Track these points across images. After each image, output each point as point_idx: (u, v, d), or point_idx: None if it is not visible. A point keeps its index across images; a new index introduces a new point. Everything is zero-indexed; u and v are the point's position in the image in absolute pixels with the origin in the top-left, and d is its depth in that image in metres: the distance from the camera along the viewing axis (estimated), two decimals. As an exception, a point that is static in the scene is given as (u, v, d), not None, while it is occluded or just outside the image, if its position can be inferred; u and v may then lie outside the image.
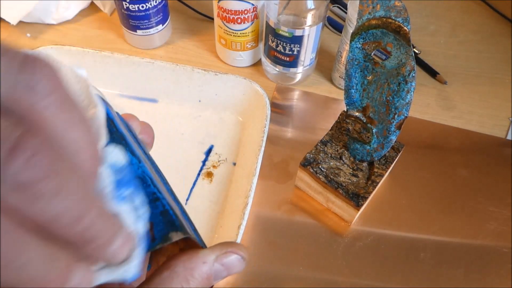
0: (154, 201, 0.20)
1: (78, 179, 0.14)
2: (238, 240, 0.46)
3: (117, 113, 0.23)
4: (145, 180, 0.20)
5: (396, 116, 0.44)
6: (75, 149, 0.15)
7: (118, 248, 0.16)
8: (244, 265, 0.21)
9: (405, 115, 0.44)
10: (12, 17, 0.64)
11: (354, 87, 0.47)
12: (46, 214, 0.13)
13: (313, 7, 0.54)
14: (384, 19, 0.41)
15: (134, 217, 0.19)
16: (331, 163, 0.50)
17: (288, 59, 0.59)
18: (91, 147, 0.16)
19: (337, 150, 0.51)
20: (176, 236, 0.19)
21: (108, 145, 0.19)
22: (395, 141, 0.50)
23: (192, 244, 0.21)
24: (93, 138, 0.16)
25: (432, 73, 0.67)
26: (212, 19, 0.63)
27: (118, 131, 0.21)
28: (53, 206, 0.13)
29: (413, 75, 0.42)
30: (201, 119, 0.60)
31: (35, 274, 0.14)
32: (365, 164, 0.51)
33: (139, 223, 0.19)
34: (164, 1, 0.62)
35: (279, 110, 0.61)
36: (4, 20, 0.65)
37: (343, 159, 0.51)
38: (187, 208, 0.24)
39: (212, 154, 0.57)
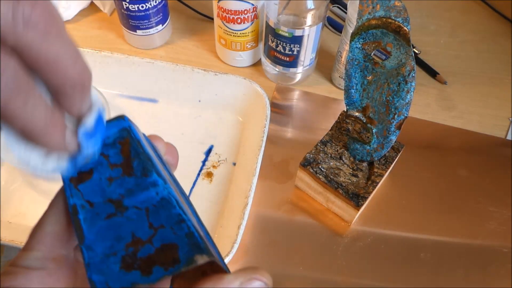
0: (179, 223, 0.20)
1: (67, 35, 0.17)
2: (238, 240, 0.46)
3: (143, 134, 0.23)
4: (171, 201, 0.20)
5: (396, 116, 0.44)
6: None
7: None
8: None
9: (405, 115, 0.44)
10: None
11: (354, 87, 0.47)
12: (52, 51, 0.16)
13: (313, 7, 0.54)
14: (384, 19, 0.41)
15: None
16: (331, 163, 0.50)
17: (288, 59, 0.59)
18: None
19: (337, 150, 0.51)
20: (201, 259, 0.19)
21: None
22: (395, 141, 0.50)
23: (215, 268, 0.21)
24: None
25: (432, 73, 0.67)
26: (212, 19, 0.63)
27: (144, 152, 0.21)
28: (57, 44, 0.16)
29: (413, 75, 0.42)
30: (201, 119, 0.60)
31: (37, 117, 0.17)
32: (365, 164, 0.51)
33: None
34: (164, 1, 0.62)
35: (279, 110, 0.61)
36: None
37: (343, 159, 0.51)
38: (187, 208, 0.24)
39: (212, 154, 0.57)
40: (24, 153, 0.18)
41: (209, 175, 0.55)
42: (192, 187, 0.54)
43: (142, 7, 0.60)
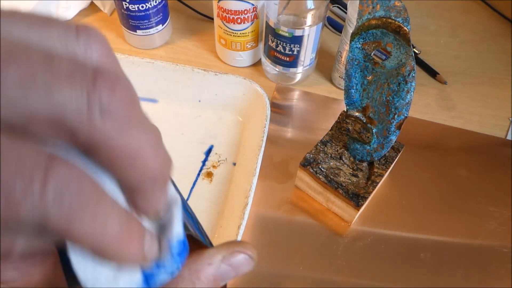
0: None
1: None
2: (238, 240, 0.46)
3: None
4: None
5: (396, 116, 0.44)
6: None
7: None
8: (252, 265, 0.20)
9: (405, 115, 0.44)
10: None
11: (354, 87, 0.47)
12: (133, 144, 0.13)
13: (313, 7, 0.54)
14: (384, 19, 0.41)
15: None
16: (331, 163, 0.50)
17: (288, 59, 0.59)
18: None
19: (337, 150, 0.51)
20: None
21: None
22: (395, 141, 0.50)
23: (198, 244, 0.21)
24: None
25: (432, 73, 0.67)
26: (212, 19, 0.63)
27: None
28: (139, 134, 0.14)
29: (413, 75, 0.42)
30: (201, 119, 0.60)
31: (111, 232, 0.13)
32: (365, 164, 0.51)
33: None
34: (164, 1, 0.62)
35: (279, 110, 0.61)
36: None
37: (343, 159, 0.51)
38: (187, 209, 0.24)
39: (212, 154, 0.57)
40: (93, 273, 0.14)
41: (209, 175, 0.55)
42: (192, 187, 0.54)
43: (142, 7, 0.60)
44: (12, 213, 0.12)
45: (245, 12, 0.58)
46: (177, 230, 0.17)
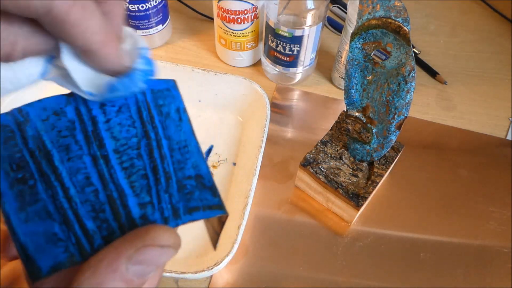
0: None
1: None
2: (238, 240, 0.46)
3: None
4: None
5: (396, 116, 0.44)
6: None
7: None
8: (172, 251, 0.18)
9: (405, 115, 0.44)
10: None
11: (354, 87, 0.47)
12: None
13: (313, 7, 0.54)
14: (384, 19, 0.41)
15: None
16: (331, 163, 0.50)
17: (288, 59, 0.59)
18: None
19: (337, 150, 0.51)
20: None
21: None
22: (395, 141, 0.50)
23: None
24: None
25: (432, 73, 0.67)
26: (212, 19, 0.63)
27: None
28: None
29: (413, 75, 0.42)
30: (201, 119, 0.60)
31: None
32: (365, 164, 0.51)
33: None
34: (164, 1, 0.62)
35: (279, 110, 0.61)
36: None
37: (343, 159, 0.51)
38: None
39: (212, 154, 0.57)
40: (81, 72, 0.19)
41: (209, 175, 0.55)
42: (192, 187, 0.54)
43: (142, 7, 0.60)
44: None
45: (245, 12, 0.58)
46: (141, 44, 0.20)
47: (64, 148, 0.19)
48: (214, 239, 0.23)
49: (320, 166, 0.50)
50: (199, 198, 0.20)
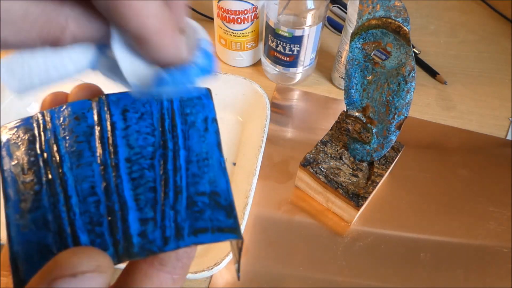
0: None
1: None
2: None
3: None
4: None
5: (396, 116, 0.44)
6: None
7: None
8: (97, 276, 0.15)
9: (405, 115, 0.44)
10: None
11: (354, 87, 0.47)
12: None
13: (313, 7, 0.54)
14: (384, 19, 0.41)
15: None
16: (331, 163, 0.50)
17: (288, 59, 0.59)
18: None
19: (337, 150, 0.51)
20: None
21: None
22: (395, 141, 0.50)
23: None
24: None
25: (432, 73, 0.67)
26: (212, 19, 0.63)
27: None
28: None
29: (413, 75, 0.42)
30: (201, 119, 0.59)
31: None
32: (365, 164, 0.51)
33: None
34: (164, 1, 0.62)
35: (279, 110, 0.61)
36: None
37: (343, 159, 0.51)
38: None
39: (212, 154, 0.57)
40: (131, 64, 0.17)
41: (209, 175, 0.55)
42: (192, 187, 0.54)
43: (142, 7, 0.60)
44: None
45: (245, 12, 0.58)
46: (204, 40, 0.19)
47: (76, 153, 0.19)
48: (236, 268, 0.21)
49: (320, 166, 0.50)
50: (210, 218, 0.19)
